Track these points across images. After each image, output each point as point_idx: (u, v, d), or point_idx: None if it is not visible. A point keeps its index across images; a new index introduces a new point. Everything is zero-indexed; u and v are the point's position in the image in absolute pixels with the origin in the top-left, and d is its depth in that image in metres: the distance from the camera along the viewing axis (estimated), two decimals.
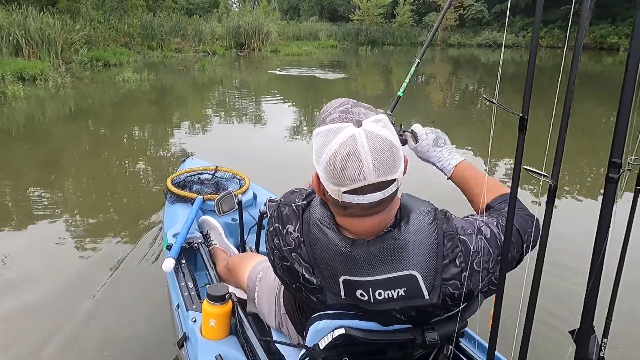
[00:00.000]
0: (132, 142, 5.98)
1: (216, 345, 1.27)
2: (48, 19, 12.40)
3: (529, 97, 0.71)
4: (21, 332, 2.08)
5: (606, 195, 0.68)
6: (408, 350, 0.96)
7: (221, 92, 10.55)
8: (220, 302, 1.28)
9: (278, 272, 1.00)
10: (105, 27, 16.14)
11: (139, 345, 2.00)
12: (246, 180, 2.40)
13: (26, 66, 9.92)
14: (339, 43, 29.83)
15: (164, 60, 16.72)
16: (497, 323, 0.81)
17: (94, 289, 2.39)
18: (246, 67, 16.16)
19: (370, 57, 23.65)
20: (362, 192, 0.79)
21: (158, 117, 7.48)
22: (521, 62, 21.78)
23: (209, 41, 21.17)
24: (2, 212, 3.49)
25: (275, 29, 24.63)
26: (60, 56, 12.48)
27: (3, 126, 6.35)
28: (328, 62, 18.35)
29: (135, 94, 9.43)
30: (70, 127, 6.55)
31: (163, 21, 18.93)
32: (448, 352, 1.04)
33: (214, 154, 4.63)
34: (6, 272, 2.60)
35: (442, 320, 0.94)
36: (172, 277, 1.66)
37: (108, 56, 13.81)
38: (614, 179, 0.67)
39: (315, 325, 0.94)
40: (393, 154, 0.79)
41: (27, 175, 4.40)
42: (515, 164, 0.72)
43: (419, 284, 0.84)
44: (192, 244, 1.85)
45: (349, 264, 0.85)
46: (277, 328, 1.32)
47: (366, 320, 0.91)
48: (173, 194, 2.25)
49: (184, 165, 2.74)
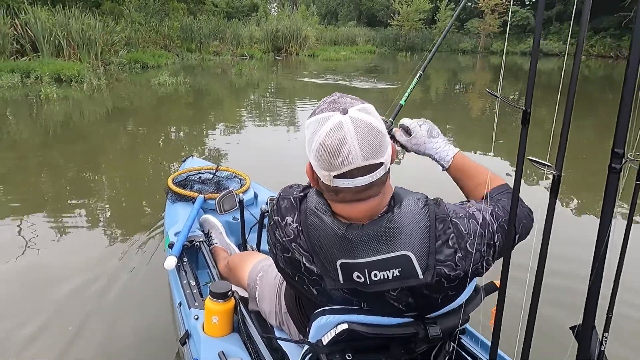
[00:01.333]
0: (160, 146, 5.50)
1: (219, 342, 1.26)
2: (90, 20, 12.28)
3: (531, 91, 0.74)
4: (21, 326, 2.06)
5: (609, 185, 0.69)
6: (411, 346, 0.96)
7: (255, 98, 10.05)
8: (223, 299, 1.27)
9: (280, 266, 0.99)
10: (145, 29, 16.05)
11: (140, 342, 1.99)
12: (247, 179, 2.37)
13: (64, 67, 9.73)
14: (377, 48, 29.09)
15: (201, 63, 16.50)
16: (499, 320, 0.83)
17: (96, 285, 2.38)
18: (283, 72, 15.69)
19: (409, 64, 22.81)
20: (352, 175, 0.82)
21: (191, 121, 7.03)
22: (568, 72, 20.35)
23: (247, 45, 20.92)
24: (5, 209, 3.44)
25: (313, 33, 24.22)
26: (100, 57, 12.34)
27: (31, 129, 6.03)
28: (365, 68, 17.68)
29: (170, 98, 9.05)
30: (99, 130, 6.16)
31: (202, 24, 18.77)
32: (450, 348, 1.04)
33: (246, 165, 4.18)
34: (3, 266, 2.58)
35: (444, 315, 0.95)
36: (174, 275, 1.65)
37: (146, 58, 13.61)
38: (616, 169, 0.68)
39: (318, 320, 0.92)
40: (379, 139, 0.82)
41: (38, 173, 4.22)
42: (519, 156, 0.75)
43: (413, 264, 0.85)
44: (193, 243, 1.84)
45: (345, 247, 0.86)
46: (278, 327, 1.31)
47: (368, 315, 0.91)
48: (174, 193, 2.22)
49: (185, 165, 2.71)
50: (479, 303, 0.99)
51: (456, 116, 8.30)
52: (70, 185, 4.01)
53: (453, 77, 17.17)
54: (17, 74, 9.43)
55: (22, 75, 9.50)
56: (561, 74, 0.73)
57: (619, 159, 0.67)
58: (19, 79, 9.17)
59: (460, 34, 32.98)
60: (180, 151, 5.30)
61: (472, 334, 1.28)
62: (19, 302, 2.26)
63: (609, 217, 0.69)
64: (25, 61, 10.41)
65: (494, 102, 10.35)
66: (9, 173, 4.30)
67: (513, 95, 11.29)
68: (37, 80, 9.33)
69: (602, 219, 0.70)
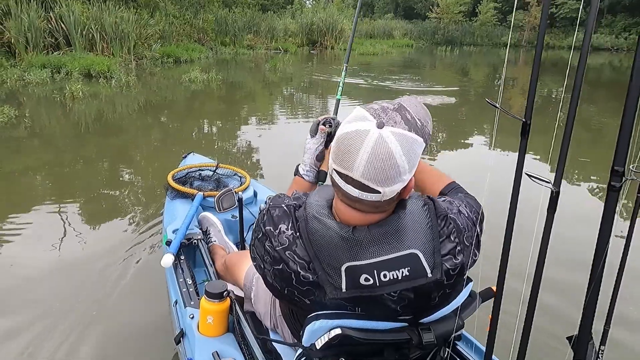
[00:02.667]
0: (186, 145, 4.91)
1: (213, 342, 1.24)
2: (123, 13, 11.88)
3: (532, 102, 0.72)
4: (18, 327, 2.01)
5: (608, 202, 0.68)
6: (404, 352, 0.94)
7: (289, 96, 9.36)
8: (219, 299, 1.24)
9: (268, 281, 0.94)
10: (180, 22, 15.61)
11: (138, 340, 1.96)
12: (247, 177, 2.33)
13: (94, 62, 9.32)
14: (415, 42, 27.85)
15: (235, 57, 15.97)
16: (495, 327, 0.84)
17: (92, 282, 2.35)
18: (317, 68, 14.94)
19: (454, 60, 21.58)
20: (345, 180, 0.81)
21: (222, 119, 6.43)
22: (620, 68, 18.79)
23: (282, 38, 20.27)
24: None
25: (349, 26, 23.32)
26: (133, 52, 11.95)
27: (49, 132, 5.56)
28: (404, 64, 16.70)
29: (200, 95, 8.50)
30: (125, 131, 5.64)
31: (237, 17, 18.22)
32: (445, 354, 1.02)
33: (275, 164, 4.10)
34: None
35: (438, 321, 0.92)
36: (171, 272, 1.62)
37: (179, 52, 13.15)
38: (615, 187, 0.67)
39: (311, 325, 0.90)
40: (389, 171, 0.78)
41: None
42: (517, 168, 0.75)
43: (421, 262, 0.84)
44: (191, 240, 1.79)
45: (353, 248, 0.84)
46: (272, 329, 1.29)
47: (362, 319, 0.89)
48: (173, 190, 2.19)
49: (185, 161, 2.65)
50: (474, 309, 0.97)
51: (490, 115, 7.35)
52: (83, 183, 3.88)
53: (492, 72, 16.04)
54: (48, 69, 9.10)
55: (53, 70, 9.17)
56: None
57: (618, 177, 0.66)
58: (49, 75, 8.82)
59: (502, 27, 31.19)
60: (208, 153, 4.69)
61: (468, 339, 1.26)
62: (17, 299, 2.21)
63: (608, 235, 0.68)
64: (57, 56, 10.09)
65: (535, 100, 9.46)
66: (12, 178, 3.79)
67: (556, 94, 10.29)
68: (67, 76, 8.96)
69: (600, 236, 0.69)
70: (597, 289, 0.72)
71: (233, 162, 4.54)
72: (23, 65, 9.19)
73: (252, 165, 4.56)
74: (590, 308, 0.73)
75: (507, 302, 0.81)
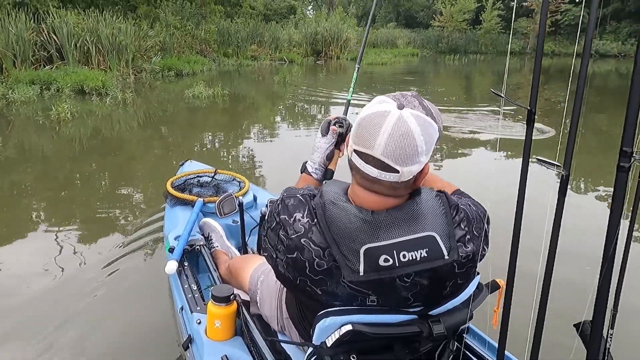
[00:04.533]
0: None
1: (222, 346, 1.23)
2: (120, 24, 10.92)
3: (536, 91, 0.73)
4: (23, 335, 1.96)
5: (617, 183, 0.68)
6: (415, 345, 0.94)
7: (311, 117, 8.37)
8: (225, 303, 1.24)
9: (280, 271, 0.93)
10: (181, 33, 14.67)
11: (142, 347, 1.92)
12: (246, 182, 2.30)
13: (87, 77, 8.32)
14: (419, 51, 26.98)
15: (239, 69, 15.02)
16: (506, 320, 0.83)
17: (97, 291, 2.29)
18: (327, 80, 13.99)
19: (465, 68, 20.68)
20: (366, 159, 0.83)
21: (237, 148, 5.44)
22: (627, 75, 17.96)
23: (286, 48, 19.36)
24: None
25: (353, 35, 22.46)
26: (131, 65, 10.98)
27: (22, 166, 4.56)
28: (419, 74, 15.76)
29: (205, 114, 7.51)
30: (111, 160, 4.65)
31: (240, 27, 17.30)
32: (454, 347, 1.02)
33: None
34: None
35: (448, 312, 0.93)
36: (175, 279, 1.60)
37: (181, 65, 12.17)
38: (625, 168, 0.67)
39: (322, 322, 0.89)
40: (408, 150, 0.80)
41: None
42: (524, 155, 0.75)
43: (439, 244, 0.84)
44: (194, 247, 1.78)
45: (373, 229, 0.84)
46: (280, 331, 1.28)
47: (372, 314, 0.88)
48: (173, 197, 2.15)
49: (183, 168, 2.61)
50: (482, 300, 0.97)
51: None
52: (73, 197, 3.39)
53: (499, 80, 15.23)
54: (37, 85, 8.12)
55: (42, 87, 8.18)
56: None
57: (627, 158, 0.66)
58: (37, 92, 7.83)
59: (506, 35, 30.38)
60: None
61: (475, 332, 1.25)
62: (22, 307, 2.15)
63: (618, 216, 0.67)
64: (47, 70, 9.11)
65: (538, 108, 8.95)
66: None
67: (559, 97, 9.50)
68: (57, 93, 7.98)
69: (611, 218, 0.68)
70: (610, 270, 0.70)
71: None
72: (9, 82, 8.20)
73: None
74: (604, 291, 0.71)
75: (516, 295, 0.82)
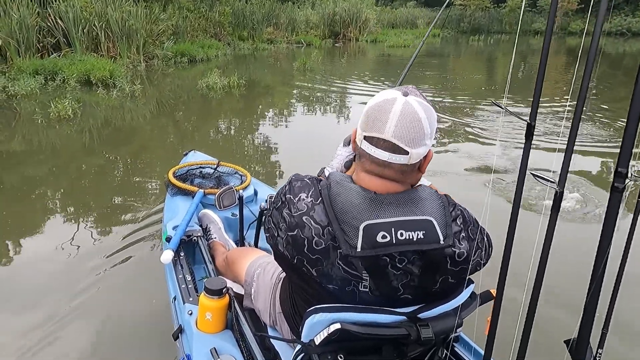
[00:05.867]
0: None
1: (211, 338, 1.23)
2: (130, 7, 10.18)
3: (537, 104, 0.71)
4: (20, 322, 1.96)
5: (611, 204, 0.67)
6: (403, 349, 0.93)
7: (332, 113, 7.58)
8: (218, 295, 1.24)
9: (280, 249, 0.95)
10: (195, 16, 13.86)
11: (137, 335, 1.91)
12: (248, 176, 2.28)
13: (95, 66, 7.65)
14: (440, 31, 25.59)
15: (254, 53, 14.20)
16: (494, 330, 0.81)
17: (92, 278, 2.28)
18: (351, 65, 13.08)
19: (491, 50, 19.41)
20: (377, 144, 0.87)
21: (264, 164, 4.74)
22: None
23: (303, 30, 18.36)
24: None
25: (373, 16, 21.28)
26: (142, 51, 10.27)
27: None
28: (455, 59, 14.70)
29: (219, 107, 6.80)
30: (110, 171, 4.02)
31: (255, 8, 16.37)
32: (443, 354, 1.02)
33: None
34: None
35: (437, 317, 0.92)
36: (170, 269, 1.60)
37: (194, 50, 11.41)
38: (618, 189, 0.66)
39: (311, 318, 0.89)
40: (416, 132, 0.86)
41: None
42: (521, 169, 0.74)
43: (435, 229, 0.86)
44: (191, 237, 1.78)
45: (375, 207, 0.87)
46: (271, 326, 1.28)
47: (361, 312, 0.88)
48: (174, 186, 2.14)
49: (187, 159, 2.57)
50: (473, 309, 0.97)
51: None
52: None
53: (521, 61, 14.14)
54: (41, 75, 7.49)
55: (47, 77, 7.54)
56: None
57: (622, 179, 0.65)
58: (41, 83, 7.20)
59: (532, 13, 28.64)
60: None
61: (466, 342, 1.23)
62: (19, 294, 2.17)
63: (610, 236, 0.67)
64: (53, 59, 8.46)
65: (563, 92, 8.28)
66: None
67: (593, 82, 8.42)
68: (63, 84, 7.34)
69: (602, 237, 0.67)
70: (598, 291, 0.69)
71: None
72: (13, 73, 7.58)
73: None
74: (591, 310, 0.71)
75: (507, 305, 0.81)
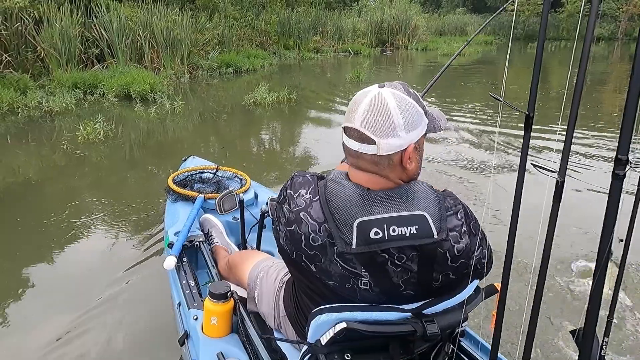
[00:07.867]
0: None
1: (218, 342, 1.22)
2: (175, 17, 9.57)
3: (535, 95, 0.71)
4: (23, 330, 1.94)
5: (612, 191, 0.66)
6: (410, 346, 0.94)
7: None
8: (222, 300, 1.22)
9: (281, 243, 0.98)
10: (240, 25, 13.22)
11: (142, 343, 1.87)
12: (247, 179, 2.27)
13: (135, 79, 6.99)
14: (494, 38, 23.93)
15: (300, 62, 13.36)
16: (500, 323, 0.81)
17: (96, 286, 2.23)
18: (410, 77, 11.95)
19: (562, 59, 17.73)
20: (349, 134, 0.89)
21: None
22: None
23: (350, 39, 17.41)
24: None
25: (422, 23, 20.05)
26: (187, 62, 9.63)
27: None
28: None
29: (268, 127, 5.91)
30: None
31: (301, 17, 15.58)
32: (449, 350, 1.01)
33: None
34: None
35: (442, 313, 0.91)
36: (174, 275, 1.59)
37: (240, 60, 10.69)
38: (619, 175, 0.66)
39: (316, 319, 0.89)
40: (383, 121, 0.85)
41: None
42: (521, 161, 0.72)
43: (429, 223, 0.86)
44: (193, 242, 1.76)
45: (367, 204, 0.87)
46: (276, 329, 1.26)
47: (367, 311, 0.88)
48: (174, 193, 2.12)
49: (185, 164, 2.55)
50: (478, 303, 0.97)
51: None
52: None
53: (577, 69, 12.39)
54: (80, 89, 6.90)
55: (86, 91, 6.95)
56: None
57: (622, 166, 0.65)
58: (79, 97, 6.59)
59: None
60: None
61: (472, 336, 1.22)
62: (25, 302, 2.13)
63: (613, 223, 0.66)
64: (93, 71, 7.92)
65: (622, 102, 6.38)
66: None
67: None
68: (102, 98, 6.71)
69: (605, 225, 0.67)
70: (603, 279, 0.69)
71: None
72: (52, 86, 7.05)
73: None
74: (596, 299, 0.70)
75: (511, 297, 0.81)
